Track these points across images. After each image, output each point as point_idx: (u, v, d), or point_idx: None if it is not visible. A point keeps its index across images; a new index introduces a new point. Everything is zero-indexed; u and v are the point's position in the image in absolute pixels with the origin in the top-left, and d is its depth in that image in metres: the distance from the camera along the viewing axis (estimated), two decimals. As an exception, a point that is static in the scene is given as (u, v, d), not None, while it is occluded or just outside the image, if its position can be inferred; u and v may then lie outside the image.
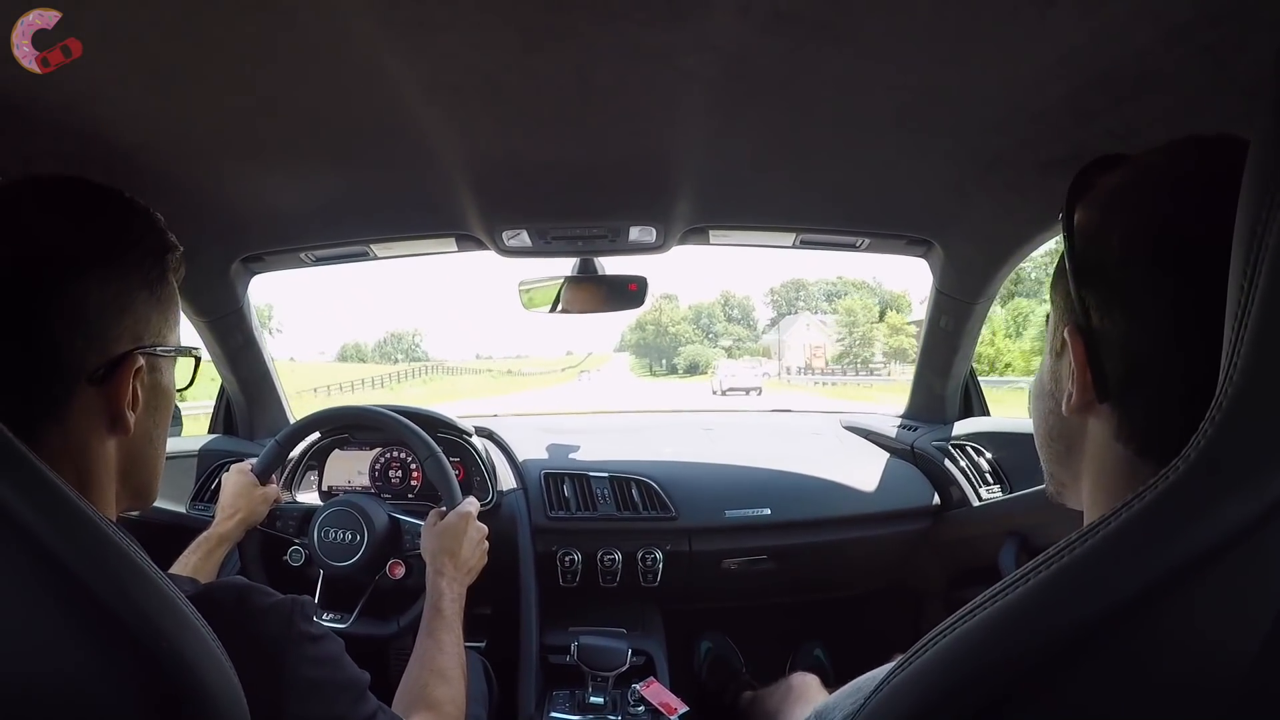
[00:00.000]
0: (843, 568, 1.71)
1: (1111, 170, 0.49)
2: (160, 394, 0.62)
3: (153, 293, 0.59)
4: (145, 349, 0.58)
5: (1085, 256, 0.47)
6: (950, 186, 1.21)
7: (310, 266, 1.57)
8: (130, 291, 0.57)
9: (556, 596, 1.56)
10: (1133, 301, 0.45)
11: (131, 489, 0.62)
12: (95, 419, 0.55)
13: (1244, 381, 0.34)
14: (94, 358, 0.54)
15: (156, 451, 0.64)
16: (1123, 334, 0.45)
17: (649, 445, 1.80)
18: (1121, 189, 0.48)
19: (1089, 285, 0.47)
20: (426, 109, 0.92)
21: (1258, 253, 0.33)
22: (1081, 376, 0.47)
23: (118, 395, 0.55)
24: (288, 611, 0.59)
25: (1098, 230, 0.47)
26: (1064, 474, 0.54)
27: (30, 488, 0.42)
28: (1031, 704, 0.40)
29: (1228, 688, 0.36)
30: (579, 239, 1.42)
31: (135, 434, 0.58)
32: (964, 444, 1.62)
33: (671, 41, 0.76)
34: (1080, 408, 0.48)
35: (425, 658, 0.95)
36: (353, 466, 1.60)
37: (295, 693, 0.58)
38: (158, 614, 0.45)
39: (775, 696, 1.29)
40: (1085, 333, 0.47)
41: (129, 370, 0.56)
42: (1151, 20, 0.71)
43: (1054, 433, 0.54)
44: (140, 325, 0.58)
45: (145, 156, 1.00)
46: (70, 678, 0.43)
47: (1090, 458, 0.50)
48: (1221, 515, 0.35)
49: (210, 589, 0.57)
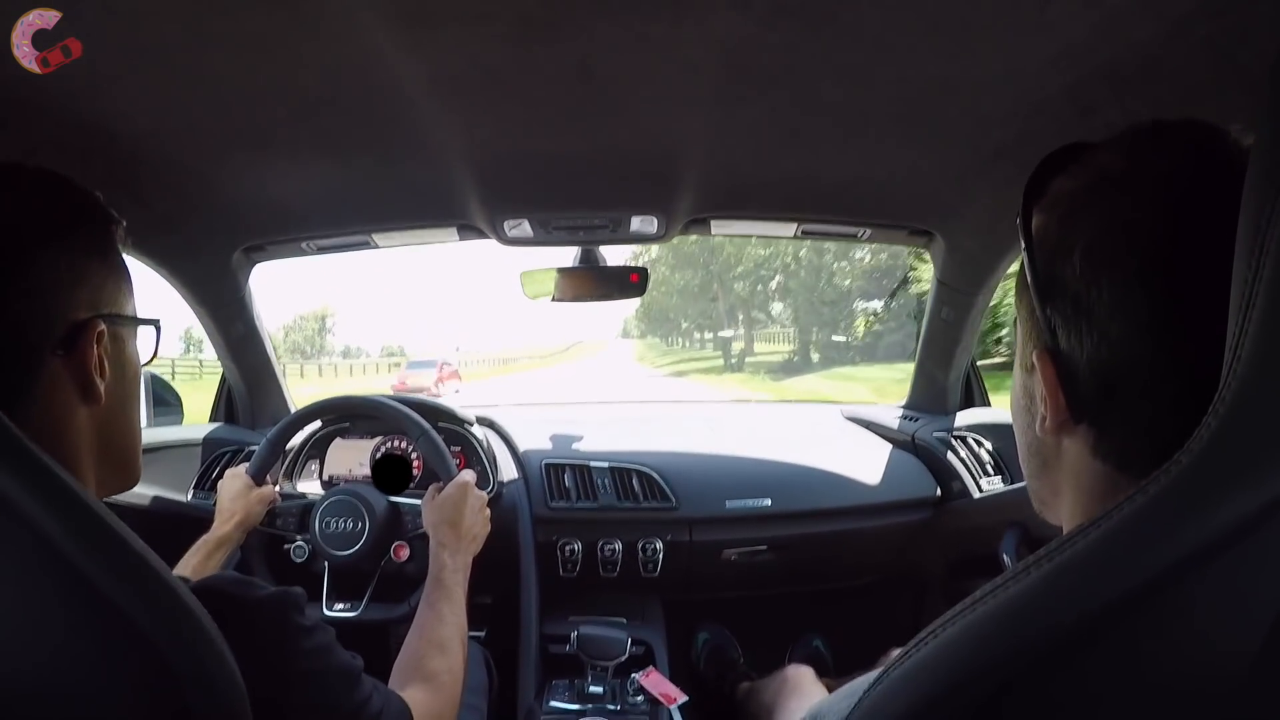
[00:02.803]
0: (843, 558, 1.72)
1: (1064, 172, 0.47)
2: (126, 363, 0.63)
3: (105, 261, 0.60)
4: (105, 315, 0.59)
5: (1048, 271, 0.45)
6: (952, 178, 1.21)
7: (312, 255, 1.57)
8: (82, 262, 0.58)
9: (556, 586, 1.57)
10: (1102, 320, 0.42)
11: (111, 464, 0.62)
12: (66, 390, 0.56)
13: (1247, 377, 0.34)
14: (57, 328, 0.55)
15: (131, 423, 0.65)
16: (1093, 353, 0.43)
17: (650, 435, 1.80)
18: (1080, 195, 0.45)
19: (1053, 303, 0.44)
20: (429, 99, 0.92)
21: (1260, 251, 0.33)
22: (1054, 399, 0.45)
23: (85, 362, 0.56)
24: (281, 604, 0.60)
25: (1058, 243, 0.45)
26: (1044, 489, 0.52)
27: (31, 478, 0.43)
28: (1032, 698, 0.40)
29: (1229, 684, 0.37)
30: (580, 229, 1.42)
31: (107, 404, 0.59)
32: (965, 435, 1.62)
33: (674, 33, 0.76)
34: (1055, 429, 0.46)
35: (424, 629, 0.95)
36: (354, 456, 1.61)
37: (293, 684, 0.59)
38: (160, 606, 0.46)
39: (771, 688, 1.30)
40: (1054, 354, 0.45)
41: (91, 336, 0.57)
42: (1153, 12, 0.70)
43: (1031, 449, 0.52)
44: (96, 294, 0.59)
45: (148, 147, 1.00)
46: (73, 670, 0.43)
47: (1069, 474, 0.48)
48: (1224, 510, 0.35)
49: (204, 584, 0.57)
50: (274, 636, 0.59)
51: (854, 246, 24.64)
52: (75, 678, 0.43)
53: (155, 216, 1.21)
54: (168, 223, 1.26)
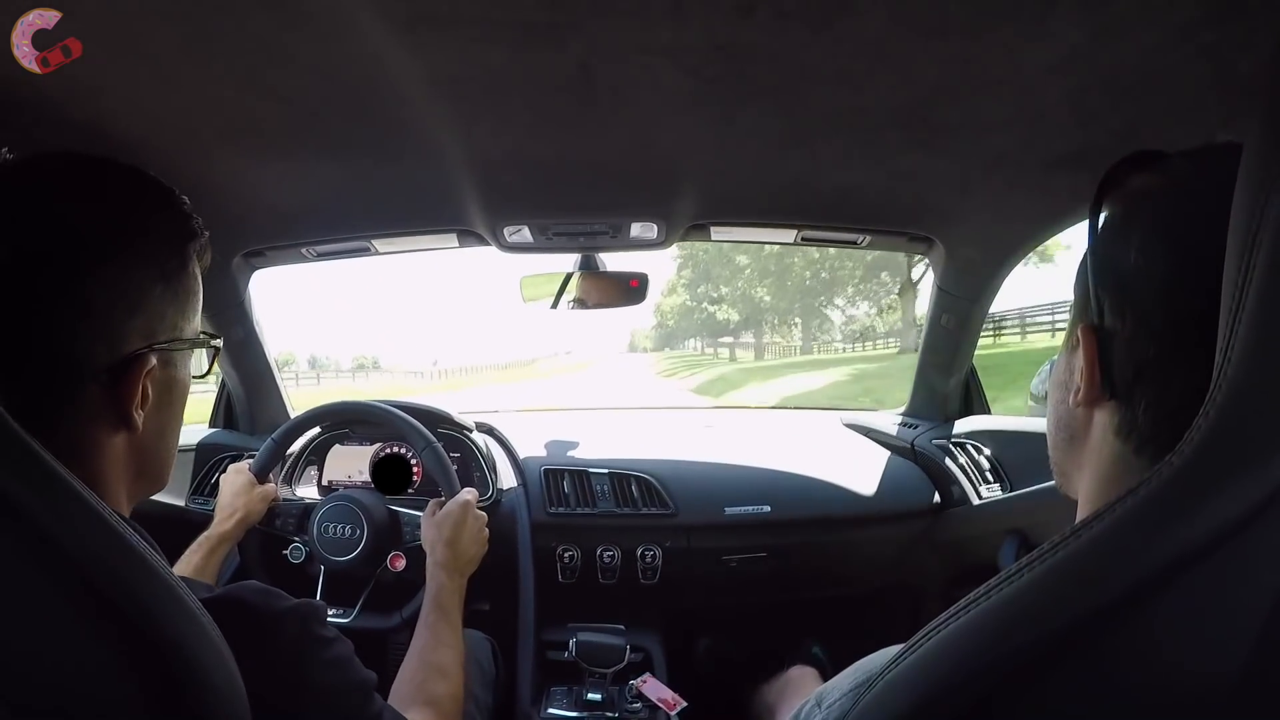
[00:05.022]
0: (842, 566, 1.71)
1: (1142, 170, 0.49)
2: (174, 387, 0.60)
3: (169, 285, 0.56)
4: (159, 345, 0.55)
5: (1105, 255, 0.48)
6: (952, 185, 1.21)
7: (312, 261, 1.57)
8: (142, 287, 0.54)
9: (555, 593, 1.56)
10: (1144, 308, 0.45)
11: (144, 482, 0.60)
12: (102, 418, 0.53)
13: (1238, 377, 0.34)
14: (103, 356, 0.52)
15: (168, 445, 0.62)
16: (1132, 335, 0.46)
17: (649, 442, 1.80)
18: (1147, 192, 0.48)
19: (1105, 285, 0.48)
20: (429, 105, 0.92)
21: (1251, 249, 0.34)
22: (1090, 373, 0.48)
23: (126, 396, 0.53)
24: (304, 616, 0.60)
25: (1118, 231, 0.48)
26: (1067, 463, 0.55)
27: (38, 483, 0.42)
28: (1025, 698, 0.40)
29: (1224, 680, 0.37)
30: (581, 235, 1.42)
31: (145, 430, 0.56)
32: (964, 442, 1.62)
33: (675, 39, 0.76)
34: (1087, 402, 0.49)
35: (423, 652, 0.95)
36: (353, 463, 1.60)
37: (312, 695, 0.59)
38: (163, 609, 0.45)
39: (773, 690, 1.29)
40: (1098, 332, 0.48)
41: (140, 371, 0.53)
42: (1153, 20, 0.71)
43: (1061, 422, 0.55)
44: (154, 321, 0.55)
45: (147, 150, 1.00)
46: (75, 671, 0.43)
47: (1091, 449, 0.51)
48: (1214, 510, 0.35)
49: (227, 593, 0.56)
50: (295, 647, 0.58)
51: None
52: (79, 685, 0.43)
53: None
54: None
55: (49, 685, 0.42)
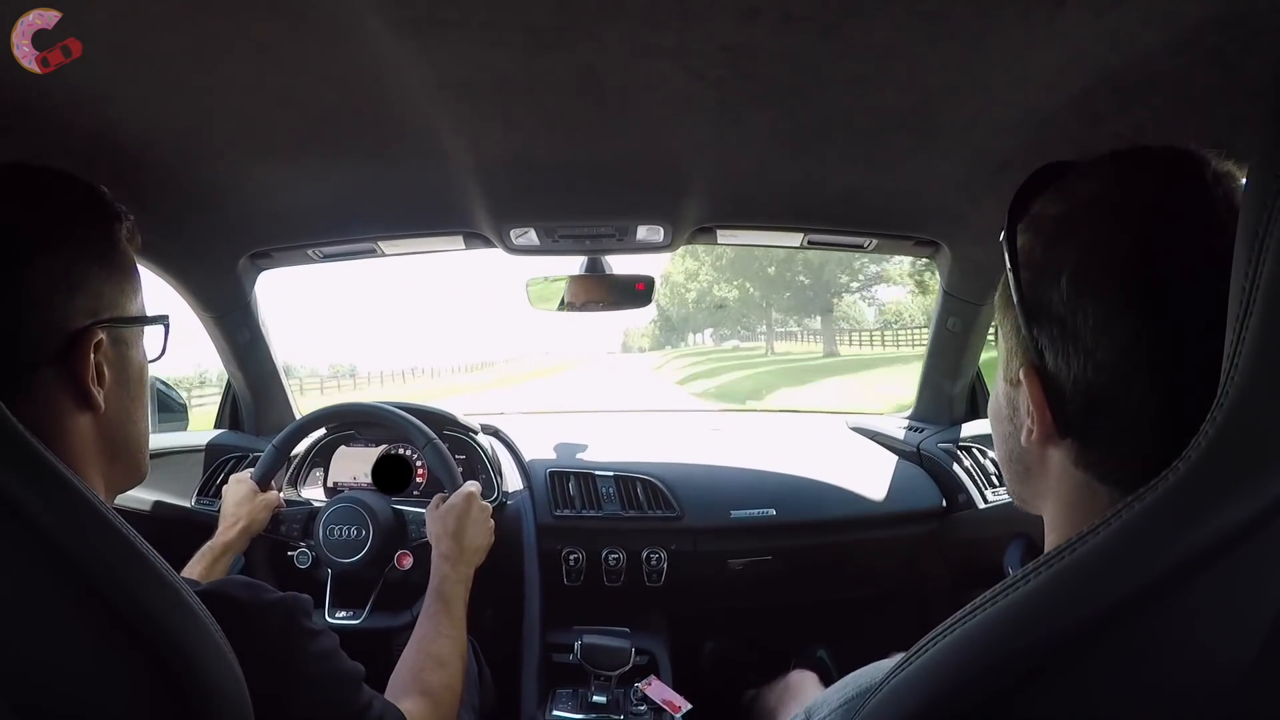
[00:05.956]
0: (848, 569, 1.70)
1: (1050, 194, 0.47)
2: (130, 366, 0.62)
3: (106, 262, 0.58)
4: (103, 322, 0.57)
5: (1034, 293, 0.46)
6: (958, 189, 1.21)
7: (318, 263, 1.57)
8: (78, 268, 0.56)
9: (560, 596, 1.56)
10: (1088, 342, 0.43)
11: (118, 465, 0.61)
12: (62, 399, 0.55)
13: (1245, 383, 0.34)
14: (52, 339, 0.54)
15: (136, 425, 0.63)
16: (1080, 373, 0.44)
17: (655, 444, 1.79)
18: (1065, 219, 0.46)
19: (1039, 324, 0.46)
20: (435, 107, 0.92)
21: (1259, 255, 0.33)
22: (1041, 414, 0.46)
23: (79, 372, 0.55)
24: (290, 608, 0.61)
25: (1042, 264, 0.46)
26: (1025, 492, 0.53)
27: (39, 480, 0.43)
28: (1032, 704, 0.40)
29: (1227, 688, 0.36)
30: (587, 238, 1.42)
31: (109, 410, 0.58)
32: (970, 445, 1.62)
33: (681, 42, 0.76)
34: (1040, 441, 0.47)
35: (423, 642, 0.95)
36: (358, 464, 1.60)
37: (300, 687, 0.60)
38: (163, 608, 0.46)
39: (774, 694, 1.29)
40: (1040, 372, 0.46)
41: (87, 346, 0.55)
42: (1161, 23, 0.70)
43: (1013, 456, 0.53)
44: (94, 300, 0.57)
45: (153, 153, 1.01)
46: (76, 671, 0.43)
47: (1051, 481, 0.49)
48: (1221, 516, 0.35)
49: (214, 588, 0.58)
50: (281, 639, 0.59)
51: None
52: (79, 682, 0.43)
53: (160, 222, 1.21)
54: (173, 228, 1.26)
55: (51, 686, 0.42)
